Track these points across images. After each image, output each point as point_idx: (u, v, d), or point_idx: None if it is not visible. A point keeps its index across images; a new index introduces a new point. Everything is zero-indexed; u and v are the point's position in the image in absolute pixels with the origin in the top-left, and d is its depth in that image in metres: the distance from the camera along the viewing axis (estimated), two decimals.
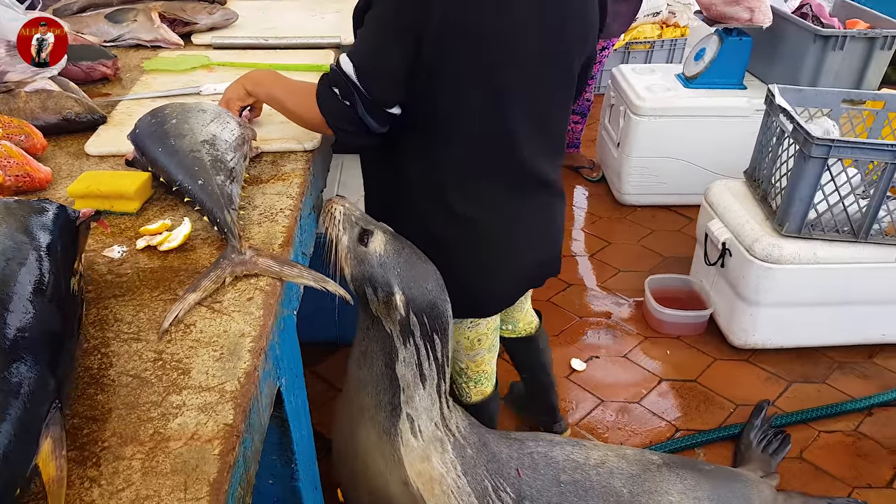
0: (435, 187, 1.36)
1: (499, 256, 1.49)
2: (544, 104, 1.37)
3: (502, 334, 1.92)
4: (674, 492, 1.62)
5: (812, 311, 2.40)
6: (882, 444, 2.19)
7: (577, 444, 1.62)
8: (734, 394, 2.34)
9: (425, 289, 1.33)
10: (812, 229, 2.29)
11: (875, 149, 2.15)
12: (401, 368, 1.34)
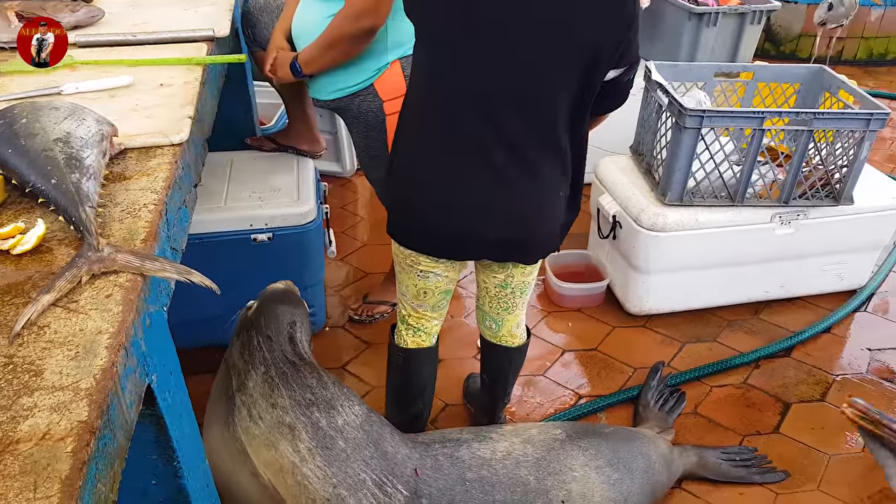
0: (407, 106, 1.56)
1: (416, 198, 1.57)
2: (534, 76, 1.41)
3: (483, 332, 1.92)
4: (576, 466, 1.69)
5: (699, 275, 2.54)
6: (768, 392, 2.34)
7: (483, 438, 1.67)
8: (632, 358, 2.44)
9: (272, 305, 1.62)
10: (692, 197, 2.41)
11: (743, 116, 2.29)
12: (231, 357, 1.49)
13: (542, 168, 1.53)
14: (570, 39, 1.39)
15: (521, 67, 1.41)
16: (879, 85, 4.92)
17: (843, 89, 2.52)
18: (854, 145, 2.36)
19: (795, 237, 2.50)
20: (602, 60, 1.43)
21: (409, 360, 1.83)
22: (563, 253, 2.78)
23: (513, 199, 1.55)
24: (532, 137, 1.49)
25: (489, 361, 1.96)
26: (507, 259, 1.68)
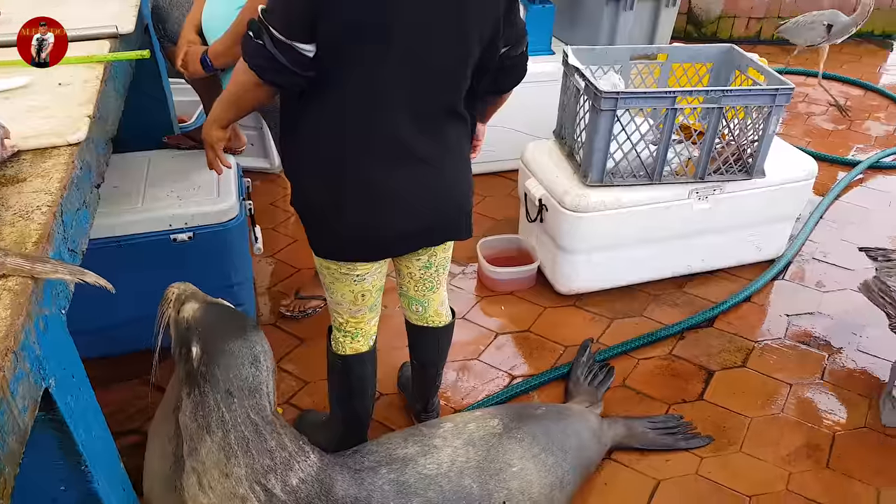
0: (302, 119, 1.53)
1: (343, 210, 1.53)
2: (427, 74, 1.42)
3: (409, 317, 1.93)
4: (514, 460, 1.72)
5: (624, 253, 2.61)
6: (692, 362, 2.43)
7: (428, 450, 1.66)
8: (563, 337, 2.50)
9: (226, 348, 1.41)
10: (613, 177, 2.48)
11: (656, 97, 2.35)
12: (183, 418, 1.37)
13: (454, 146, 1.59)
14: (460, 21, 1.41)
15: (418, 54, 1.41)
16: (796, 62, 5.11)
17: (751, 67, 2.62)
18: (762, 120, 2.46)
19: (713, 211, 2.60)
20: (490, 38, 1.47)
21: (349, 366, 1.82)
22: (494, 238, 2.82)
23: (439, 181, 1.58)
24: (440, 119, 1.52)
25: (418, 345, 1.97)
26: (446, 240, 1.70)
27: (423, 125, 1.50)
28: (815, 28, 4.18)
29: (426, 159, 1.53)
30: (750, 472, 2.04)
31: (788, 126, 4.21)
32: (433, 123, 1.52)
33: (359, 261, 1.62)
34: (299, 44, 1.35)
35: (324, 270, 1.68)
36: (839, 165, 3.71)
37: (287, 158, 1.63)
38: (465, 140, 1.65)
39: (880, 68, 5.16)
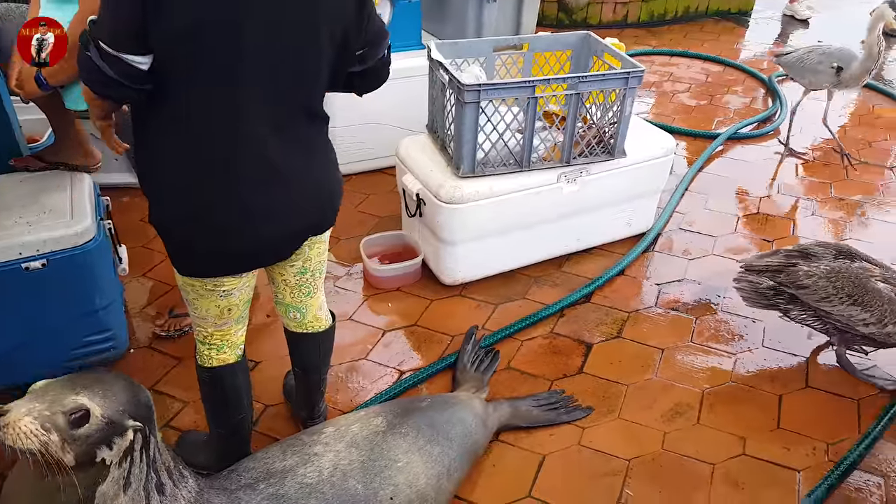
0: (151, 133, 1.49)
1: (207, 225, 1.50)
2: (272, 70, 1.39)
3: (288, 325, 1.90)
4: (400, 454, 1.74)
5: (503, 239, 2.69)
6: (572, 337, 2.54)
7: (308, 459, 1.65)
8: (450, 327, 2.55)
9: (136, 405, 1.36)
10: (484, 167, 2.54)
11: (517, 87, 2.43)
12: (102, 488, 1.32)
13: (316, 148, 1.59)
14: (311, 18, 1.41)
15: (271, 56, 1.39)
16: (662, 43, 5.40)
17: (607, 52, 2.75)
18: (618, 103, 2.58)
19: (582, 193, 2.71)
20: (343, 39, 1.47)
21: (218, 378, 1.78)
22: (377, 236, 2.84)
23: (302, 186, 1.56)
24: (299, 122, 1.51)
25: (299, 352, 1.97)
26: (318, 233, 1.69)
27: (281, 130, 1.48)
28: (821, 71, 3.53)
29: (287, 167, 1.52)
30: (628, 436, 2.16)
31: (657, 105, 4.44)
32: (293, 127, 1.51)
33: (226, 276, 1.60)
34: (128, 55, 1.31)
35: (187, 287, 1.64)
36: (703, 139, 3.95)
37: (140, 173, 1.58)
38: (327, 140, 1.64)
39: (737, 44, 5.51)
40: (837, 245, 2.43)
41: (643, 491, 1.99)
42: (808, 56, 3.59)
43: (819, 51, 3.57)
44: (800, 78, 3.70)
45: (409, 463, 1.75)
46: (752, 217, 3.27)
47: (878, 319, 2.19)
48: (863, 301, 2.21)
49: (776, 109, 4.25)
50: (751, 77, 4.81)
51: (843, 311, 2.24)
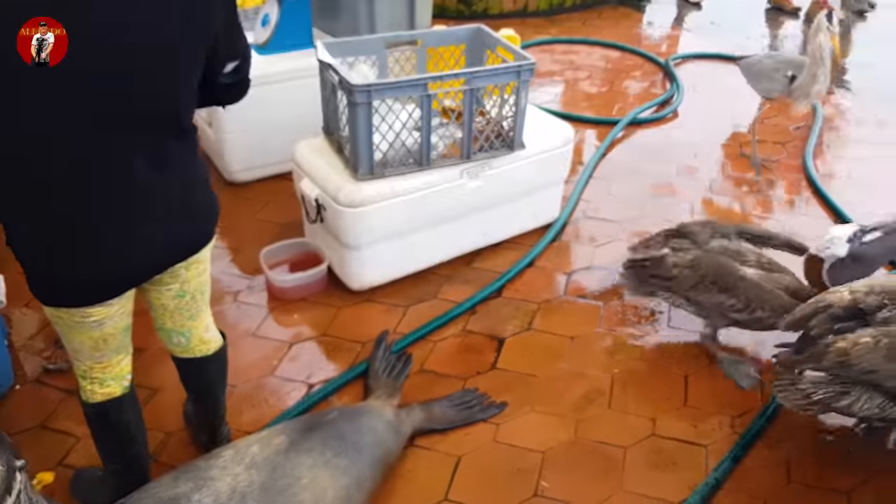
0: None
1: (70, 251, 1.40)
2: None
3: (173, 351, 1.80)
4: (304, 471, 1.68)
5: (410, 239, 2.64)
6: (484, 334, 2.53)
7: (203, 483, 1.57)
8: (360, 334, 2.50)
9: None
10: (383, 168, 2.49)
11: (409, 85, 2.39)
12: None
13: (182, 164, 1.51)
14: (172, 47, 1.36)
15: (121, 81, 1.32)
16: (562, 31, 5.46)
17: (499, 46, 2.74)
18: (513, 95, 2.58)
19: (485, 188, 2.70)
20: (213, 58, 1.45)
21: (104, 413, 1.68)
22: (278, 245, 2.75)
23: (169, 205, 1.50)
24: (163, 140, 1.44)
25: (190, 379, 1.88)
26: (186, 257, 1.60)
27: (146, 152, 1.41)
28: (775, 78, 3.40)
29: (153, 189, 1.44)
30: (542, 428, 2.17)
31: (559, 93, 4.49)
32: (158, 148, 1.43)
33: (90, 305, 1.49)
34: None
35: (55, 319, 1.53)
36: (605, 125, 4.02)
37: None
38: (196, 157, 1.58)
39: (635, 29, 5.64)
40: (715, 225, 2.48)
41: (558, 481, 2.00)
42: (764, 61, 3.53)
43: (778, 57, 3.53)
44: (755, 83, 3.62)
45: (314, 479, 1.69)
46: (655, 200, 3.35)
47: (745, 305, 2.24)
48: (728, 287, 2.24)
49: (673, 92, 4.37)
50: (649, 61, 4.92)
51: (710, 299, 2.28)
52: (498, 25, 5.23)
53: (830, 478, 2.01)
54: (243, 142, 3.16)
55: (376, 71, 2.67)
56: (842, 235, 2.18)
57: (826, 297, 1.96)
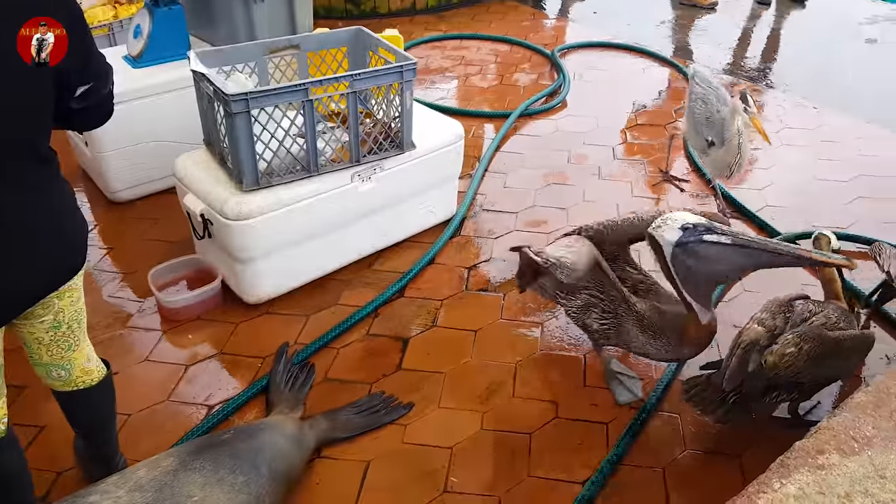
0: None
1: None
2: None
3: (54, 386, 1.70)
4: (195, 490, 1.62)
5: (305, 248, 2.60)
6: (388, 336, 2.52)
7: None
8: (260, 349, 2.44)
9: None
10: (270, 177, 2.44)
11: (289, 91, 2.34)
12: None
13: (44, 190, 1.44)
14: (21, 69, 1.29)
15: None
16: (451, 27, 5.51)
17: (381, 47, 2.73)
18: (397, 96, 2.58)
19: (379, 189, 2.69)
20: (65, 79, 1.40)
21: None
22: (168, 264, 2.65)
23: (32, 234, 1.42)
24: (22, 168, 1.38)
25: (75, 413, 1.78)
26: (57, 287, 1.52)
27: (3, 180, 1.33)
28: (700, 132, 3.16)
29: (12, 219, 1.37)
30: (449, 424, 2.18)
31: (451, 89, 4.53)
32: (13, 174, 1.36)
33: None
34: None
35: None
36: (498, 118, 4.08)
37: None
38: (61, 181, 1.50)
39: (523, 22, 5.75)
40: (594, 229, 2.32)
41: (467, 475, 2.03)
42: (696, 109, 3.16)
43: (707, 111, 3.11)
44: (688, 135, 3.34)
45: (207, 497, 1.64)
46: (548, 189, 3.44)
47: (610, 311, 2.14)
48: (600, 296, 2.15)
49: (560, 83, 4.49)
50: (537, 53, 5.04)
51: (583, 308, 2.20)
52: (387, 24, 5.23)
53: (723, 444, 2.12)
54: (123, 159, 3.03)
55: (256, 79, 2.61)
56: (677, 220, 1.89)
57: (745, 339, 1.98)
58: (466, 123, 3.92)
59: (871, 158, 3.73)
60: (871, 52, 5.25)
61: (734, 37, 5.53)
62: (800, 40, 5.52)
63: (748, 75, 4.81)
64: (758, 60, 5.10)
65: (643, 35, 5.40)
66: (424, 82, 4.54)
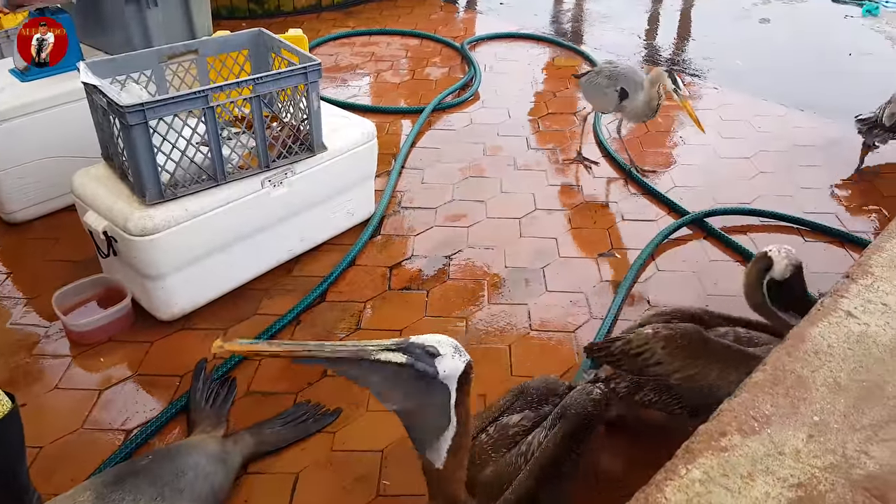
0: None
1: None
2: None
3: None
4: None
5: (218, 258, 2.52)
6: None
7: None
8: (178, 366, 2.35)
9: None
10: (175, 189, 2.35)
11: (188, 99, 2.26)
12: None
13: None
14: None
15: None
16: (359, 23, 5.45)
17: (283, 48, 2.67)
18: (304, 98, 2.53)
19: (292, 194, 2.64)
20: None
21: None
22: (73, 285, 2.52)
23: None
24: None
25: None
26: None
27: None
28: (608, 94, 3.27)
29: None
30: (378, 427, 2.17)
31: (363, 87, 4.48)
32: None
33: None
34: None
35: None
36: (412, 114, 4.07)
37: None
38: None
39: (431, 15, 5.75)
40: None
41: (399, 476, 2.02)
42: (597, 78, 3.34)
43: (606, 72, 3.30)
44: (590, 99, 3.50)
45: None
46: (465, 182, 3.45)
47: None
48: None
49: (471, 75, 4.52)
50: (447, 47, 5.05)
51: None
52: (292, 23, 5.16)
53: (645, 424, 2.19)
54: (17, 178, 2.86)
55: (153, 87, 2.50)
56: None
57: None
58: (380, 120, 3.93)
59: (768, 134, 3.92)
60: (764, 32, 5.53)
61: (639, 23, 5.70)
62: (700, 23, 5.75)
63: (654, 60, 4.97)
64: (662, 44, 5.28)
65: (550, 25, 5.50)
66: (335, 80, 4.49)
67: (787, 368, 1.22)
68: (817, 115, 4.15)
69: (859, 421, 1.15)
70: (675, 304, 2.64)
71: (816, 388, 1.20)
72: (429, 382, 1.34)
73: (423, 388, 1.34)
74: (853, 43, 5.19)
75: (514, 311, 2.64)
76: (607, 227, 3.12)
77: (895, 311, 1.37)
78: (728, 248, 2.99)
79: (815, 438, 1.11)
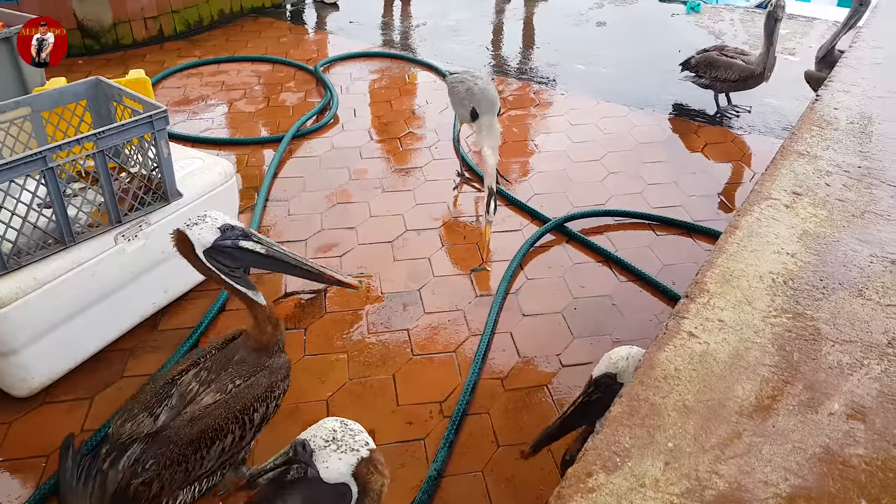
0: None
1: None
2: None
3: None
4: None
5: (75, 323, 2.37)
6: None
7: None
8: (43, 446, 2.19)
9: None
10: (18, 258, 2.19)
11: (24, 163, 2.10)
12: None
13: None
14: None
15: None
16: (206, 52, 5.28)
17: (125, 97, 2.54)
18: (152, 147, 2.43)
19: (149, 246, 2.52)
20: None
21: None
22: None
23: None
24: None
25: None
26: None
27: None
28: (465, 105, 3.26)
29: None
30: None
31: (216, 120, 4.34)
32: None
33: None
34: None
35: None
36: (271, 144, 3.99)
37: None
38: None
39: (281, 39, 5.66)
40: None
41: None
42: (459, 85, 3.31)
43: (467, 84, 3.25)
44: (452, 105, 3.47)
45: None
46: (333, 210, 3.44)
47: None
48: None
49: (329, 98, 4.50)
50: (300, 70, 5.00)
51: None
52: (133, 56, 4.92)
53: (531, 435, 2.30)
54: None
55: None
56: (217, 220, 1.80)
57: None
58: (239, 153, 3.84)
59: (613, 135, 4.21)
60: (601, 35, 5.90)
61: (485, 35, 5.90)
62: (542, 30, 6.05)
63: (504, 70, 5.17)
64: (509, 54, 5.51)
65: (400, 41, 5.58)
66: (185, 113, 4.32)
67: (641, 398, 1.27)
68: (656, 111, 4.50)
69: (708, 441, 1.20)
70: (547, 310, 2.79)
71: (668, 413, 1.25)
72: (325, 487, 1.22)
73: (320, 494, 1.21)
74: (681, 39, 5.66)
75: (394, 338, 2.67)
76: (476, 242, 3.23)
77: (731, 326, 1.47)
78: (589, 249, 3.18)
79: (670, 465, 1.15)
